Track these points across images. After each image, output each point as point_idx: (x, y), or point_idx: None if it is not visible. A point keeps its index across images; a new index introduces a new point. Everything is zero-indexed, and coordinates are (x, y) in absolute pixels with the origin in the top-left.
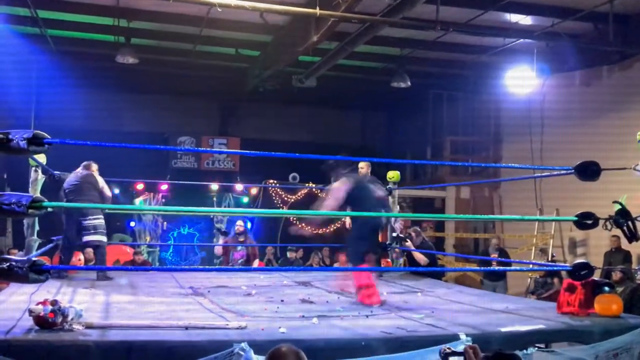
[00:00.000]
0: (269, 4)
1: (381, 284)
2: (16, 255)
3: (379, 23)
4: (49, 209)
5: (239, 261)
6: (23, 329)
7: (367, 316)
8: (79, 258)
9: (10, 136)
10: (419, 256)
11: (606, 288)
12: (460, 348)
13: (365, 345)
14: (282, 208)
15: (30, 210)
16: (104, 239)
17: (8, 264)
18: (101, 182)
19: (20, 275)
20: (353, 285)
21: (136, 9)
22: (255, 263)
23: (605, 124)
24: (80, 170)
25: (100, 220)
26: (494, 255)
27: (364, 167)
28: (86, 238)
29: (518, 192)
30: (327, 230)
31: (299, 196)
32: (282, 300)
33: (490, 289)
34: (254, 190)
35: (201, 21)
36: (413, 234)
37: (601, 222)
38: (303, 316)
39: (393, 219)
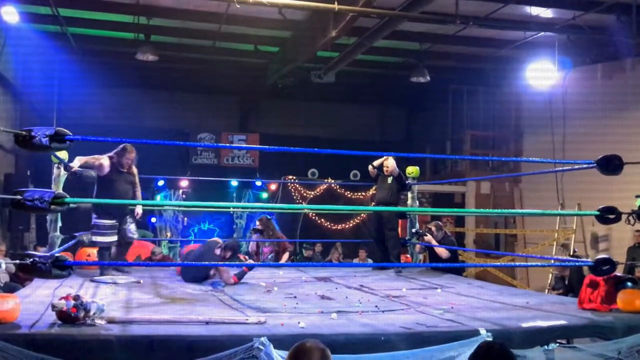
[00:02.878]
0: (288, 0)
1: (401, 280)
2: (41, 252)
3: (398, 18)
4: (71, 205)
5: (269, 256)
6: (46, 323)
7: (383, 312)
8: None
9: (33, 133)
10: (440, 250)
11: (629, 283)
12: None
13: (385, 341)
14: (301, 204)
15: (52, 206)
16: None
17: (32, 259)
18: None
19: (44, 271)
20: None
21: (156, 6)
22: (285, 257)
23: (628, 117)
24: None
25: None
26: None
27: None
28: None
29: (539, 186)
30: (346, 226)
31: (317, 192)
32: (294, 297)
33: None
34: (273, 186)
35: (220, 18)
36: (433, 229)
37: (624, 216)
38: (322, 312)
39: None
